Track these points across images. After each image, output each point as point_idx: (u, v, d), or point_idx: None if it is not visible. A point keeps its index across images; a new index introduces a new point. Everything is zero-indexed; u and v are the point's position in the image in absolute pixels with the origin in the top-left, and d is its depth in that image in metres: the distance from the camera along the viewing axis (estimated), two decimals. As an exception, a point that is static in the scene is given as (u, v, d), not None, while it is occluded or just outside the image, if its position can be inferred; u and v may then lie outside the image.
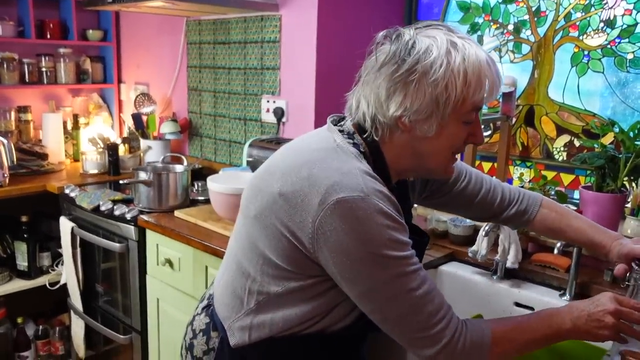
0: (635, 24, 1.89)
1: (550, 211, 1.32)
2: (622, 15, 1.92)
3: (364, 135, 1.03)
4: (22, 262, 2.67)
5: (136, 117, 2.92)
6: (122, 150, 2.91)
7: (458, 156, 1.12)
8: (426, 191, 1.28)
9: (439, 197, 1.29)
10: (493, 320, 1.02)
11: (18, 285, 2.64)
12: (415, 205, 1.50)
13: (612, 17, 1.94)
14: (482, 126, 1.14)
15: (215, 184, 1.91)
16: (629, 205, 1.75)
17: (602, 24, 1.97)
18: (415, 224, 1.19)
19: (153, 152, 2.79)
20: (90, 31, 3.22)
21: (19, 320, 2.69)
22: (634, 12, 1.89)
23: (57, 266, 2.72)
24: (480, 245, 1.64)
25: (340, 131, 1.04)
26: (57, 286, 2.61)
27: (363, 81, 1.01)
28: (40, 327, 2.77)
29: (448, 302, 0.98)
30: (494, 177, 1.35)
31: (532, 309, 1.56)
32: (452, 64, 0.93)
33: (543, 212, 1.32)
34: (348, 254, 0.92)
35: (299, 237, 0.95)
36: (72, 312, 2.54)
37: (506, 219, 1.34)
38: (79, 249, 2.38)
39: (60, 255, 2.55)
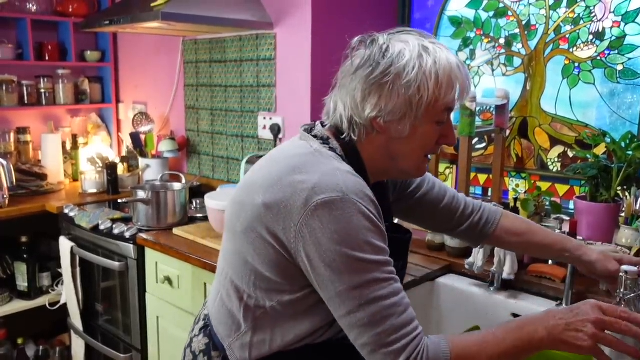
0: (624, 36, 1.93)
1: (514, 219, 1.35)
2: (611, 28, 1.95)
3: (343, 136, 1.05)
4: (22, 283, 2.67)
5: (134, 136, 2.94)
6: (120, 169, 2.93)
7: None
8: (395, 193, 1.29)
9: (407, 200, 1.29)
10: (456, 336, 0.98)
11: (18, 306, 2.64)
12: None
13: (601, 30, 1.97)
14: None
15: (213, 201, 1.93)
16: (623, 214, 1.77)
17: (591, 37, 2.00)
18: (397, 223, 1.21)
19: (151, 170, 2.81)
20: (89, 52, 3.26)
21: (20, 341, 2.69)
22: (622, 24, 1.93)
23: (57, 286, 2.72)
24: (477, 257, 1.65)
25: (314, 136, 1.06)
26: (57, 306, 2.61)
27: (340, 85, 1.04)
28: (41, 347, 2.77)
29: (417, 321, 0.95)
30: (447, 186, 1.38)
31: (529, 319, 1.56)
32: (424, 66, 0.97)
33: (504, 221, 1.33)
34: (322, 255, 0.92)
35: (284, 244, 0.96)
36: (72, 332, 2.54)
37: (469, 228, 1.33)
38: (78, 269, 2.39)
39: (60, 275, 2.56)
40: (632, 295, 1.07)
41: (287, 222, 0.94)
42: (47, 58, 3.08)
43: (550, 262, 1.51)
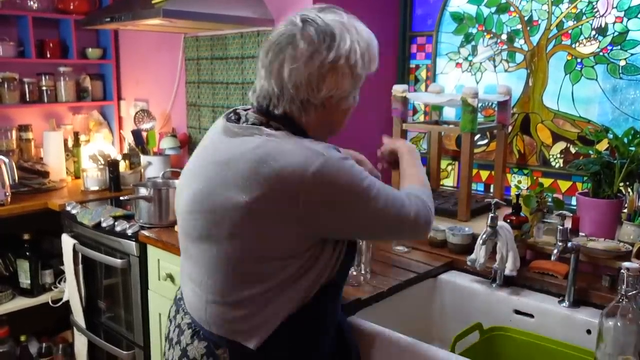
0: (627, 31, 1.92)
1: None
2: (614, 23, 1.94)
3: (293, 117, 1.13)
4: (24, 280, 2.68)
5: (136, 134, 2.94)
6: (122, 166, 2.94)
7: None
8: None
9: None
10: (411, 187, 1.27)
11: (21, 303, 2.65)
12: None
13: (603, 25, 1.97)
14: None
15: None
16: (626, 210, 1.77)
17: (594, 32, 1.99)
18: None
19: (153, 167, 2.81)
20: (90, 49, 3.26)
21: (22, 338, 2.70)
22: (625, 19, 1.92)
23: (59, 283, 2.73)
24: (479, 254, 1.64)
25: (253, 124, 1.13)
26: (60, 303, 2.62)
27: (289, 70, 1.08)
28: (44, 344, 2.77)
29: None
30: None
31: (531, 316, 1.57)
32: (361, 47, 1.12)
33: None
34: (342, 207, 1.06)
35: (295, 220, 1.04)
36: (75, 329, 2.55)
37: None
38: (80, 266, 2.39)
39: (63, 272, 2.57)
40: (633, 291, 1.06)
41: (287, 205, 1.03)
42: (48, 55, 3.08)
43: (552, 258, 1.50)
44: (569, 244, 1.51)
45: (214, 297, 1.13)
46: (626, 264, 1.08)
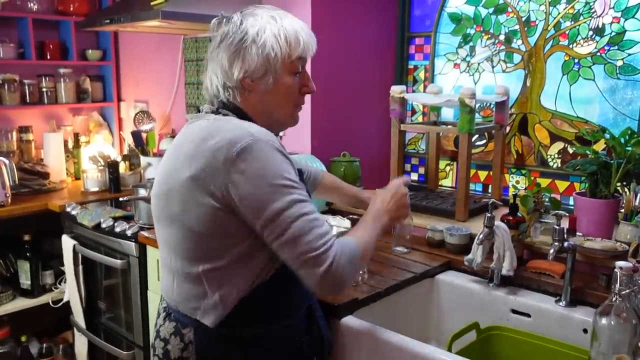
0: (624, 32, 1.92)
1: (328, 177, 1.71)
2: (611, 23, 1.95)
3: (228, 101, 1.22)
4: (25, 281, 2.69)
5: (136, 135, 2.95)
6: (122, 167, 2.94)
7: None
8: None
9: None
10: (350, 234, 1.24)
11: (21, 303, 2.66)
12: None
13: (600, 25, 1.97)
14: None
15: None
16: (623, 210, 1.77)
17: (591, 32, 2.00)
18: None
19: (153, 168, 2.81)
20: (90, 51, 3.27)
21: (23, 338, 2.71)
22: (622, 19, 1.93)
23: (59, 284, 2.74)
24: (476, 254, 1.65)
25: (206, 113, 1.22)
26: (60, 304, 2.63)
27: (209, 61, 1.23)
28: (44, 345, 2.78)
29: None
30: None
31: (528, 315, 1.57)
32: (273, 30, 1.18)
33: (325, 178, 1.69)
34: (250, 191, 1.07)
35: (221, 200, 1.09)
36: (75, 329, 2.55)
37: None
38: (81, 267, 2.40)
39: (63, 273, 2.58)
40: (627, 290, 1.07)
41: (217, 179, 1.08)
42: (48, 57, 3.09)
43: (549, 258, 1.51)
44: (565, 244, 1.51)
45: (178, 275, 1.21)
46: (620, 262, 1.08)
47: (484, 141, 2.34)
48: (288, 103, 1.26)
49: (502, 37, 2.23)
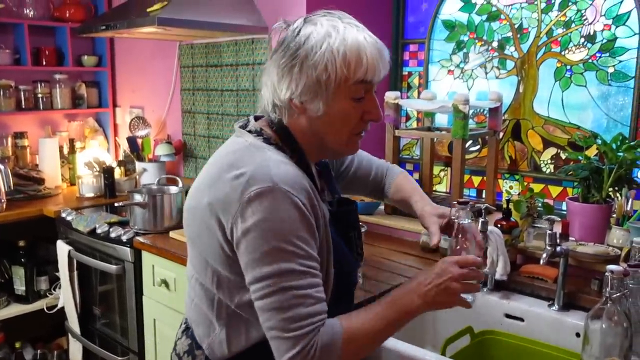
0: (615, 39, 1.95)
1: (402, 178, 1.43)
2: (602, 31, 1.97)
3: (276, 120, 1.09)
4: (19, 287, 2.69)
5: (131, 140, 2.96)
6: (117, 173, 2.95)
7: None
8: (333, 172, 1.36)
9: (343, 178, 1.41)
10: (346, 316, 1.03)
11: (16, 309, 2.65)
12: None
13: (592, 33, 2.00)
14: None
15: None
16: (615, 215, 1.79)
17: (583, 39, 2.02)
18: (343, 196, 1.27)
19: (148, 174, 2.82)
20: (86, 57, 3.28)
21: (17, 345, 2.70)
22: (613, 27, 1.95)
23: (54, 290, 2.73)
24: (470, 258, 1.66)
25: (249, 131, 1.10)
26: (55, 310, 2.62)
27: (262, 73, 1.10)
28: (39, 351, 2.77)
29: (324, 315, 0.98)
30: (374, 158, 1.48)
31: (521, 319, 1.58)
32: (331, 46, 1.00)
33: (396, 182, 1.42)
34: (249, 241, 0.97)
35: (228, 239, 1.01)
36: (69, 335, 2.55)
37: (381, 191, 1.44)
38: (76, 272, 2.40)
39: (58, 278, 2.57)
40: (618, 294, 1.08)
41: (227, 216, 0.99)
42: (44, 63, 3.10)
43: (541, 262, 1.52)
44: (558, 249, 1.52)
45: (196, 295, 1.15)
46: (611, 266, 1.10)
47: (478, 147, 2.35)
48: (343, 130, 1.09)
49: (495, 44, 2.25)
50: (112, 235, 2.20)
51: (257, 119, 1.15)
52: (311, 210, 1.01)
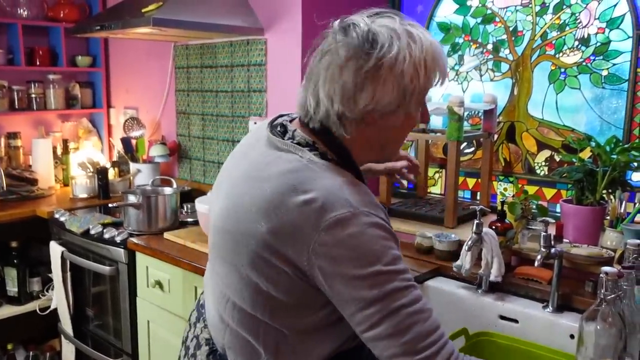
0: (609, 42, 1.96)
1: None
2: (596, 34, 1.98)
3: (329, 135, 1.00)
4: (12, 288, 2.67)
5: (125, 141, 2.95)
6: (111, 174, 2.94)
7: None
8: None
9: None
10: None
11: (8, 311, 2.63)
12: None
13: (586, 36, 2.01)
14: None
15: (204, 206, 1.94)
16: (608, 217, 1.80)
17: (577, 42, 2.03)
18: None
19: (142, 175, 2.81)
20: (80, 57, 3.26)
21: (9, 346, 2.68)
22: (607, 30, 1.96)
23: (47, 291, 2.72)
24: (464, 260, 1.67)
25: (298, 144, 1.00)
26: (48, 311, 2.61)
27: (324, 77, 0.97)
28: (31, 353, 2.76)
29: (442, 328, 0.93)
30: None
31: (516, 321, 1.59)
32: (413, 56, 0.94)
33: None
34: (340, 273, 0.90)
35: (298, 267, 0.93)
36: (62, 337, 2.53)
37: None
38: (69, 273, 2.38)
39: (51, 280, 2.56)
40: (612, 295, 1.09)
41: (299, 245, 0.91)
42: (38, 63, 3.09)
43: (536, 264, 1.52)
44: (552, 250, 1.53)
45: (235, 325, 1.05)
46: (605, 268, 1.10)
47: (473, 149, 2.36)
48: (404, 138, 1.08)
49: (490, 47, 2.25)
50: (106, 236, 2.19)
51: (291, 119, 1.08)
52: (390, 226, 0.97)
